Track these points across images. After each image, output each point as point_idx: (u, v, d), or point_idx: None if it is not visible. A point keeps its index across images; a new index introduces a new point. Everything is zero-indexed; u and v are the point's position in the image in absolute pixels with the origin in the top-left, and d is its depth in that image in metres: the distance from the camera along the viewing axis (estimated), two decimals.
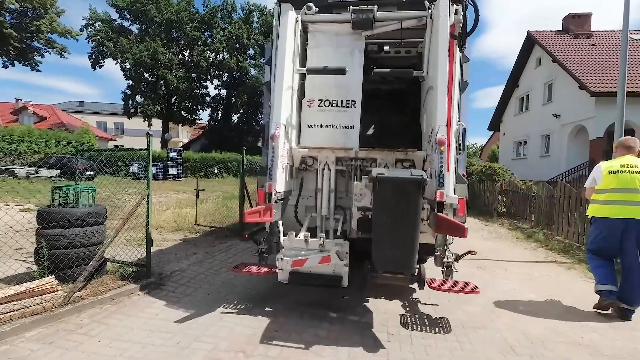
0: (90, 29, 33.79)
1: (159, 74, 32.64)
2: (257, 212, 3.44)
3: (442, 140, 3.36)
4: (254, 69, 36.36)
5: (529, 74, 22.31)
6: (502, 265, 6.12)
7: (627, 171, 3.98)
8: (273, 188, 3.56)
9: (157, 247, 6.24)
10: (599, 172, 4.19)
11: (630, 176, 3.94)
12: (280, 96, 3.81)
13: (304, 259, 3.59)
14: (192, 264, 5.33)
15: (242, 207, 7.73)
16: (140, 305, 3.84)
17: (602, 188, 4.14)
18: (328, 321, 3.64)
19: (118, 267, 4.58)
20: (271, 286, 4.50)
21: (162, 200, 13.12)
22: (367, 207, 3.65)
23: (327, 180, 4.16)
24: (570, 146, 17.94)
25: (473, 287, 3.55)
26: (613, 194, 4.04)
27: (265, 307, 3.90)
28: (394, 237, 3.17)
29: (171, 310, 3.74)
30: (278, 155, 3.63)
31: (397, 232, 3.15)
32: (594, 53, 18.42)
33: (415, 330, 3.54)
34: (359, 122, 4.27)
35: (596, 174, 4.23)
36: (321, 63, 4.25)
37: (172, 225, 8.13)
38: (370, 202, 3.52)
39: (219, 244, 6.69)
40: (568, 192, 8.43)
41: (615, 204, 4.00)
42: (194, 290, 4.36)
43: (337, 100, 4.33)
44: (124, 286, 4.10)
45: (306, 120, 4.37)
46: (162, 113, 35.47)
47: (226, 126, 38.10)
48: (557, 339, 3.43)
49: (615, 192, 4.02)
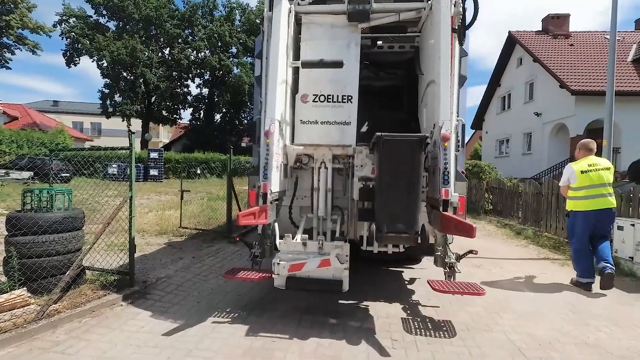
0: (64, 25, 32.44)
1: (138, 72, 31.64)
2: (252, 214, 3.20)
3: (446, 136, 3.22)
4: (236, 68, 35.72)
5: (510, 73, 22.72)
6: (497, 264, 6.06)
7: (594, 170, 4.79)
8: (268, 188, 3.33)
9: (141, 253, 5.89)
10: (572, 172, 4.90)
11: (598, 173, 4.77)
12: (274, 90, 3.58)
13: (302, 263, 3.38)
14: (179, 269, 5.03)
15: (230, 208, 7.44)
16: (123, 317, 3.54)
17: (578, 186, 4.84)
18: (328, 328, 3.43)
19: (98, 276, 4.24)
20: (265, 292, 4.27)
21: (143, 202, 12.63)
22: (368, 176, 3.79)
23: (323, 179, 3.96)
24: (551, 144, 18.34)
25: (478, 288, 3.42)
26: (588, 190, 4.78)
27: (261, 315, 3.66)
28: (397, 196, 3.27)
29: (158, 322, 3.46)
30: (273, 152, 3.40)
31: (400, 191, 3.26)
32: (573, 53, 18.90)
33: (419, 334, 3.38)
34: (356, 118, 4.08)
35: (570, 174, 4.93)
36: (315, 56, 4.04)
37: (155, 229, 7.75)
38: (372, 172, 3.73)
39: (207, 248, 6.39)
40: (556, 188, 8.50)
41: (590, 198, 4.77)
42: (183, 298, 4.08)
43: (333, 95, 4.12)
44: (105, 296, 3.78)
45: (300, 116, 4.14)
46: (141, 113, 34.41)
47: (209, 126, 37.34)
48: (564, 340, 3.34)
49: (590, 189, 4.78)
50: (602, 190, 4.73)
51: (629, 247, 5.57)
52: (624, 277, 5.40)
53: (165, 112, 36.55)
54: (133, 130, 4.02)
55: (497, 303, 4.21)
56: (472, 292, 3.36)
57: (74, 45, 32.82)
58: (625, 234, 5.68)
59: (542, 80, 18.91)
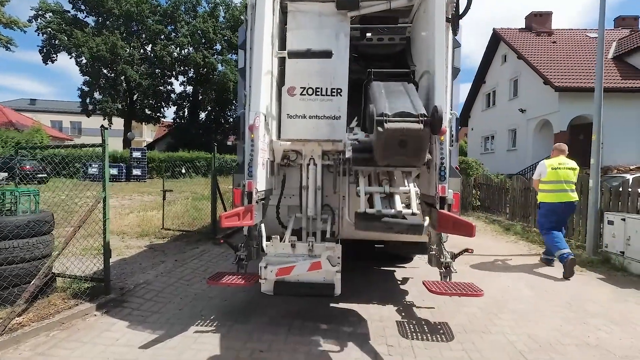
0: (40, 20, 31.17)
1: (119, 69, 30.64)
2: (236, 214, 2.96)
3: (442, 130, 3.04)
4: (221, 65, 35.04)
5: (495, 70, 22.91)
6: (490, 261, 5.96)
7: (562, 168, 5.57)
8: (254, 186, 3.10)
9: (119, 257, 5.56)
10: (544, 168, 5.65)
11: (565, 171, 5.55)
12: (258, 81, 3.33)
13: (290, 266, 3.16)
14: (160, 274, 4.74)
15: (215, 208, 7.15)
16: (97, 328, 3.25)
17: (547, 180, 5.63)
18: (320, 334, 3.23)
19: (70, 283, 3.93)
20: (251, 296, 4.03)
21: (125, 203, 12.16)
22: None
23: (312, 177, 3.74)
24: (535, 140, 18.55)
25: (476, 289, 3.26)
26: (555, 185, 5.56)
27: (248, 322, 3.43)
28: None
29: (135, 333, 3.19)
30: (258, 148, 3.16)
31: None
32: (556, 50, 19.14)
33: (415, 339, 3.21)
34: (346, 112, 3.87)
35: (542, 170, 5.71)
36: (302, 47, 3.80)
37: (136, 231, 7.40)
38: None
39: (190, 250, 6.09)
40: None
41: (557, 192, 5.55)
42: (163, 306, 3.81)
43: (321, 88, 3.90)
44: (77, 306, 3.48)
45: (287, 110, 3.91)
46: (123, 111, 33.42)
47: (193, 124, 36.56)
48: (564, 341, 3.22)
49: (556, 184, 5.56)
50: (565, 187, 5.53)
51: (620, 241, 5.55)
52: (615, 272, 5.37)
53: (148, 111, 35.60)
54: (106, 126, 3.69)
55: (494, 303, 4.08)
56: (470, 294, 3.20)
57: (50, 41, 31.60)
58: (616, 228, 5.66)
59: (526, 77, 19.10)
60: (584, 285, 4.81)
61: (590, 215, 6.27)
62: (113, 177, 20.74)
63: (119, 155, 23.85)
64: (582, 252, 6.34)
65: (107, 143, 3.66)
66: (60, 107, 47.55)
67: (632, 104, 16.06)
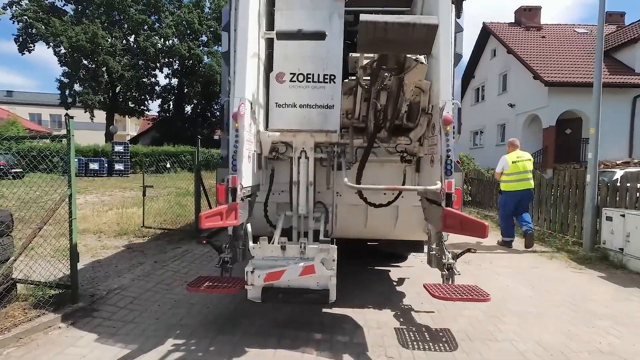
0: (16, 8, 29.73)
1: (100, 60, 29.49)
2: (218, 214, 2.62)
3: (448, 119, 2.75)
4: (207, 57, 34.16)
5: (484, 65, 22.86)
6: (486, 258, 5.77)
7: (520, 160, 6.63)
8: (238, 182, 2.75)
9: (93, 258, 5.15)
10: (506, 162, 6.71)
11: (523, 164, 6.62)
12: (243, 65, 2.98)
13: (280, 270, 2.84)
14: (137, 277, 4.35)
15: (199, 204, 6.76)
16: (60, 343, 2.87)
17: (509, 172, 6.67)
18: (314, 345, 2.93)
19: (34, 291, 3.52)
20: (238, 301, 3.70)
21: (105, 199, 11.62)
22: None
23: (304, 171, 3.41)
24: (524, 135, 18.54)
25: (482, 293, 3.01)
26: (516, 175, 6.60)
27: (233, 332, 3.10)
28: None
29: (105, 348, 2.83)
30: (243, 139, 2.82)
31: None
32: (545, 45, 19.13)
33: (417, 349, 2.94)
34: (340, 101, 3.53)
35: (504, 164, 6.74)
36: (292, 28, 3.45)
37: (114, 229, 6.96)
38: None
39: (172, 250, 5.70)
40: (538, 179, 8.36)
41: (517, 181, 6.59)
42: (138, 314, 3.44)
43: (313, 74, 3.55)
44: (39, 318, 3.09)
45: (276, 98, 3.55)
46: (105, 103, 32.29)
47: (179, 118, 35.65)
48: (575, 347, 2.99)
49: (518, 174, 6.61)
50: (525, 176, 6.58)
51: (619, 238, 5.41)
52: (614, 269, 5.23)
53: (132, 104, 34.50)
54: (71, 115, 3.29)
55: (495, 304, 3.84)
56: (476, 299, 2.95)
57: (27, 30, 30.16)
58: (614, 224, 5.52)
59: (515, 72, 19.06)
60: (584, 284, 4.63)
61: (587, 211, 6.12)
62: (94, 172, 20.01)
63: (101, 150, 23.05)
64: (578, 249, 6.21)
65: (72, 134, 3.25)
66: (39, 99, 45.79)
67: (620, 99, 16.17)
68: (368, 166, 3.47)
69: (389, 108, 3.10)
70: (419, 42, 2.52)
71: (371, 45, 2.64)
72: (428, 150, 3.24)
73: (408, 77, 2.95)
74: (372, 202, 3.69)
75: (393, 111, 3.14)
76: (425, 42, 2.51)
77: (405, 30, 2.44)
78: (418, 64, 2.79)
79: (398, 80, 2.85)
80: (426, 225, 3.71)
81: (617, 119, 16.19)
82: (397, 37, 2.48)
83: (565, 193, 7.24)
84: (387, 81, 2.90)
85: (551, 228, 7.63)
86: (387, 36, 2.46)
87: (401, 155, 3.61)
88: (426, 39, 2.49)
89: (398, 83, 2.88)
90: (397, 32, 2.44)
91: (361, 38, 2.53)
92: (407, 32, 2.44)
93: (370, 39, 2.50)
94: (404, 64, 2.76)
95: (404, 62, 2.76)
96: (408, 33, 2.45)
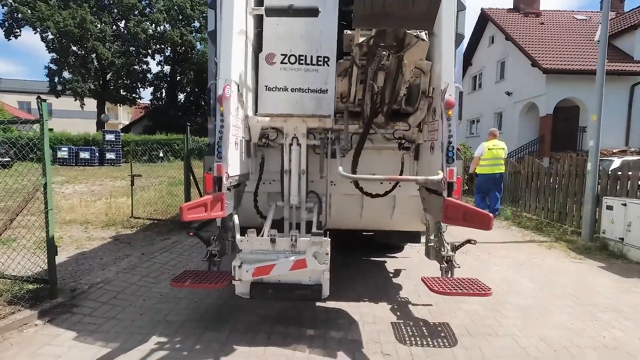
0: None
1: (89, 46, 28.67)
2: (202, 205, 2.42)
3: (450, 102, 2.56)
4: (200, 44, 33.39)
5: (482, 52, 22.52)
6: (484, 248, 5.64)
7: (495, 148, 7.78)
8: (224, 170, 2.55)
9: (78, 250, 4.95)
10: (484, 149, 7.81)
11: (497, 150, 7.78)
12: (229, 43, 2.74)
13: (270, 265, 2.67)
14: (122, 270, 4.16)
15: (188, 194, 6.55)
16: (36, 342, 2.69)
17: (485, 158, 7.83)
18: (306, 342, 2.78)
19: (10, 285, 3.33)
20: (226, 296, 3.53)
21: (95, 189, 11.37)
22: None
23: (296, 159, 3.21)
24: (521, 123, 18.41)
25: (483, 287, 2.86)
26: (490, 161, 7.78)
27: (221, 329, 2.94)
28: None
29: (84, 347, 2.65)
30: (229, 124, 2.60)
31: None
32: (544, 31, 18.82)
33: (414, 345, 2.80)
34: (334, 85, 3.31)
35: (482, 150, 7.83)
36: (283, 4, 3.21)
37: (102, 220, 6.75)
38: None
39: (161, 241, 5.51)
40: (537, 168, 8.23)
41: (492, 166, 7.77)
42: (121, 310, 3.26)
43: (306, 56, 3.32)
44: (13, 315, 2.90)
45: (265, 81, 3.32)
46: (96, 91, 31.54)
47: (171, 106, 35.00)
48: (579, 342, 2.87)
49: (492, 160, 7.79)
50: (498, 162, 7.78)
51: (619, 227, 5.30)
52: (614, 259, 5.13)
53: (123, 91, 33.72)
54: (44, 98, 3.05)
55: (495, 297, 3.68)
56: (477, 293, 2.80)
57: (12, 14, 29.20)
58: (615, 213, 5.40)
59: (513, 59, 18.77)
60: (585, 275, 4.53)
61: (587, 200, 6.00)
62: (85, 161, 19.62)
63: (92, 138, 22.57)
64: (577, 239, 6.11)
65: (45, 118, 3.00)
66: (28, 87, 44.69)
67: (618, 87, 15.99)
68: (364, 154, 3.26)
69: (387, 90, 2.88)
70: (420, 16, 2.29)
71: (368, 19, 2.41)
72: (428, 137, 3.04)
73: (408, 56, 2.73)
74: (368, 192, 3.50)
75: (391, 94, 2.93)
76: (427, 15, 2.28)
77: (405, 3, 2.21)
78: (419, 40, 2.56)
79: (397, 59, 2.62)
80: (424, 216, 3.55)
81: (614, 107, 16.01)
82: (396, 10, 2.25)
83: (565, 182, 7.11)
84: (385, 60, 2.67)
85: (549, 217, 7.53)
86: (386, 10, 2.23)
87: (399, 142, 3.42)
88: (428, 13, 2.26)
89: (397, 62, 2.65)
90: (396, 5, 2.22)
91: (357, 12, 2.30)
92: (407, 5, 2.21)
93: (368, 12, 2.27)
94: (404, 41, 2.53)
95: (404, 38, 2.52)
96: (408, 6, 2.22)
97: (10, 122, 3.41)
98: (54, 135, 20.50)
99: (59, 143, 20.15)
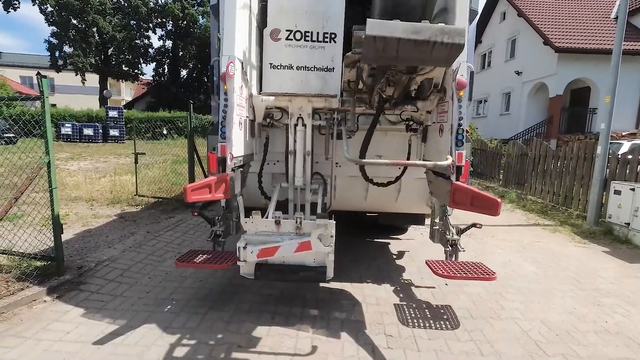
0: None
1: (90, 19, 28.10)
2: (206, 186, 2.39)
3: (462, 82, 2.46)
4: (202, 17, 32.55)
5: (492, 29, 21.81)
6: (488, 231, 5.63)
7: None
8: (228, 151, 2.51)
9: (84, 227, 4.99)
10: None
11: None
12: (232, 18, 2.64)
13: (274, 246, 2.65)
14: (128, 248, 4.20)
15: (192, 172, 6.53)
16: (45, 318, 2.74)
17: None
18: (309, 322, 2.81)
19: (18, 262, 3.37)
20: (230, 276, 3.57)
21: (99, 166, 11.37)
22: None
23: (301, 140, 3.14)
24: (529, 104, 18.03)
25: (487, 271, 2.85)
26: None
27: (225, 309, 2.98)
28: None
29: (91, 324, 2.70)
30: (233, 103, 2.54)
31: None
32: (558, 8, 18.14)
33: (417, 327, 2.83)
34: (341, 63, 3.20)
35: None
36: None
37: (107, 197, 6.77)
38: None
39: (166, 219, 5.54)
40: (544, 150, 8.10)
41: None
42: (128, 287, 3.31)
43: (312, 32, 3.20)
44: (22, 291, 2.95)
45: (270, 58, 3.22)
46: (97, 66, 31.14)
47: (174, 82, 34.53)
48: (582, 327, 2.89)
49: None
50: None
51: (626, 212, 5.25)
52: (619, 244, 5.11)
53: (125, 67, 33.25)
54: (44, 74, 2.97)
55: (498, 280, 3.69)
56: (481, 277, 2.79)
57: None
58: (623, 198, 5.33)
59: (525, 37, 18.19)
60: (589, 259, 4.52)
61: (595, 183, 5.93)
62: (88, 138, 19.61)
63: (94, 115, 22.45)
64: (582, 222, 6.08)
65: (46, 95, 2.95)
66: (30, 61, 44.11)
67: (631, 67, 15.47)
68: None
69: (396, 93, 2.80)
70: (438, 60, 2.18)
71: (379, 60, 2.29)
72: (437, 119, 2.96)
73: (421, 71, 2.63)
74: (376, 181, 3.45)
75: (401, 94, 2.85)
76: (446, 60, 2.17)
77: (421, 50, 2.05)
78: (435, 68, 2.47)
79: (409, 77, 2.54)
80: (430, 199, 3.51)
81: (625, 88, 15.55)
82: (412, 56, 2.11)
83: (572, 165, 7.01)
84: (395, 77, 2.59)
85: (554, 201, 7.47)
86: (399, 55, 2.09)
87: (406, 124, 3.34)
88: (447, 58, 2.14)
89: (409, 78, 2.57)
90: (412, 52, 2.07)
91: (366, 52, 2.16)
92: (424, 51, 2.07)
93: (379, 55, 2.13)
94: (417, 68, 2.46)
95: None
96: (425, 53, 2.08)
97: (11, 98, 3.34)
98: (57, 111, 20.42)
99: (62, 119, 20.10)
